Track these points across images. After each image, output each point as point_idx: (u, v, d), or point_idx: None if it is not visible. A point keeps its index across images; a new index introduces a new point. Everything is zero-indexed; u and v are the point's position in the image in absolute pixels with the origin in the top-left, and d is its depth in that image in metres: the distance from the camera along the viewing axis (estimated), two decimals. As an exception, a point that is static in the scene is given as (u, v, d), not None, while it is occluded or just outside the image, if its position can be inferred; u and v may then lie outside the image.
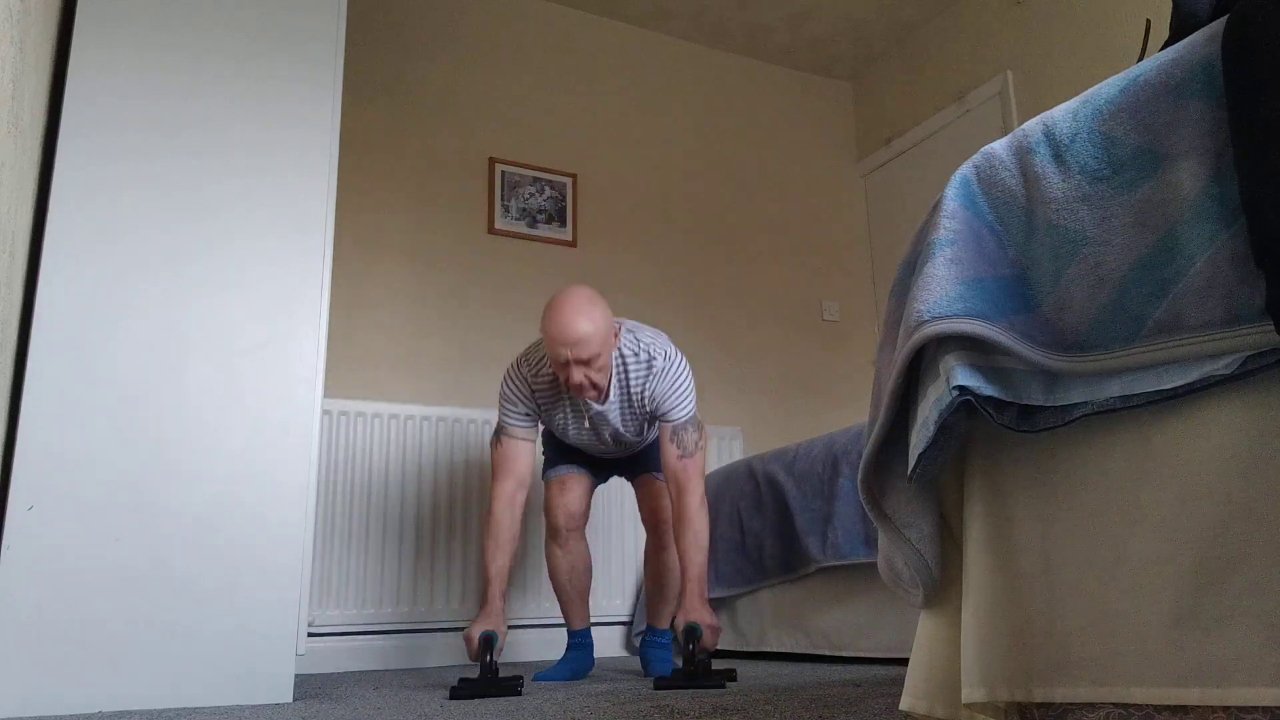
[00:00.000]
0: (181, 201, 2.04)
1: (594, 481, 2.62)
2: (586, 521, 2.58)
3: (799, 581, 2.82)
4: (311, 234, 2.14)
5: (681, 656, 2.06)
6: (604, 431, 2.42)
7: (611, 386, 2.31)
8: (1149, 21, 1.23)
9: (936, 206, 0.99)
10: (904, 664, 2.43)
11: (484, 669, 2.04)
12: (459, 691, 1.94)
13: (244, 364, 2.02)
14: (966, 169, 1.00)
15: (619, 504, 3.48)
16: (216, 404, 1.98)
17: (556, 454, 2.59)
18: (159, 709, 1.79)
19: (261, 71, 2.17)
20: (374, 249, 3.49)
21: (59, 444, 1.84)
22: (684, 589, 2.23)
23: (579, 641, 2.56)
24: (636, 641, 3.31)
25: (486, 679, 2.00)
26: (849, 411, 4.29)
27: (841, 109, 4.75)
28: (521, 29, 4.00)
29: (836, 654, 2.64)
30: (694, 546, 2.25)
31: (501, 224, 3.73)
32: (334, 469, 3.11)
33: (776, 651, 2.92)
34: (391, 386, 3.39)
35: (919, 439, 0.91)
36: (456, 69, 3.82)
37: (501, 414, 2.39)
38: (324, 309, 2.13)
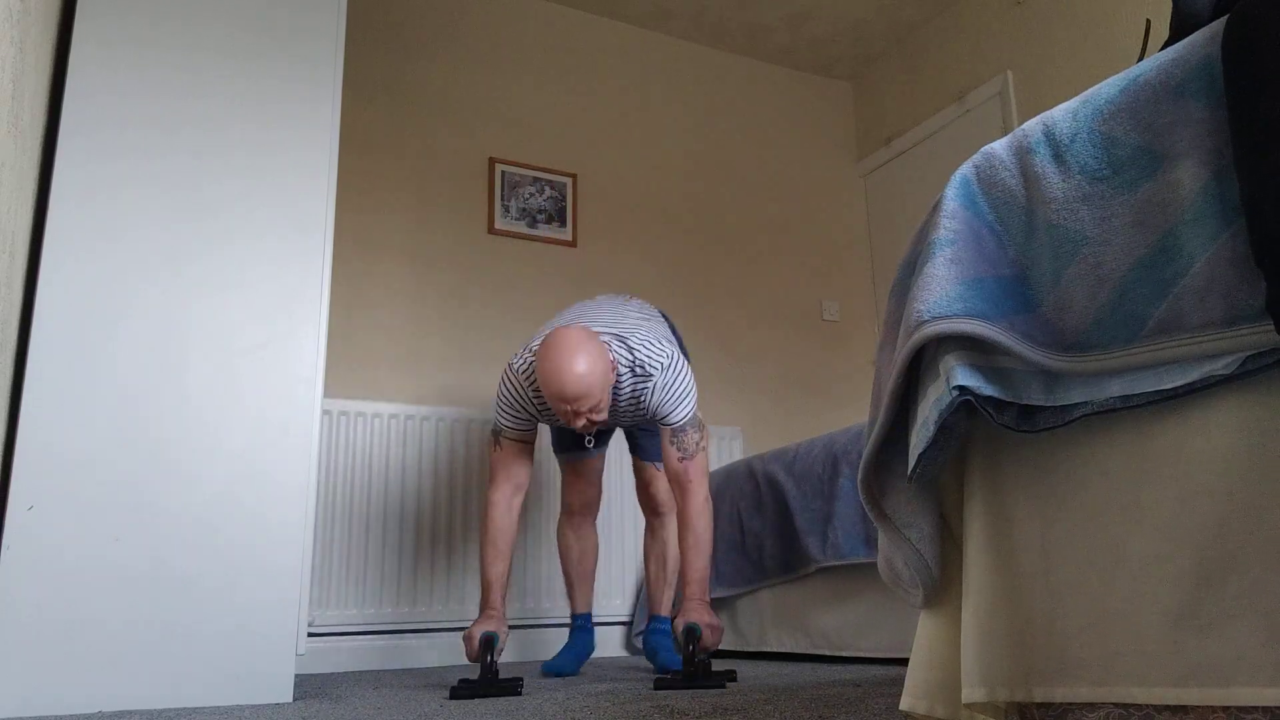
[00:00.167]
0: (181, 201, 2.04)
1: (603, 455, 2.75)
2: (600, 504, 2.73)
3: (799, 581, 2.82)
4: (311, 234, 2.14)
5: (681, 657, 2.06)
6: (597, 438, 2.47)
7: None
8: (1149, 21, 1.23)
9: (936, 206, 0.99)
10: (904, 664, 2.43)
11: (484, 670, 2.04)
12: (459, 692, 1.94)
13: (244, 364, 2.02)
14: (966, 169, 1.00)
15: (619, 505, 3.48)
16: (216, 404, 1.98)
17: (566, 431, 2.65)
18: (159, 709, 1.79)
19: (261, 71, 2.17)
20: (374, 249, 3.49)
21: (59, 444, 1.84)
22: (685, 592, 2.23)
23: (581, 625, 2.69)
24: (638, 642, 3.31)
25: (486, 680, 2.00)
26: (849, 411, 4.29)
27: (841, 109, 4.75)
28: (521, 29, 4.00)
29: (836, 654, 2.64)
30: (695, 549, 2.24)
31: (501, 224, 3.73)
32: (334, 469, 3.11)
33: (776, 651, 2.92)
34: (391, 386, 3.39)
35: (919, 439, 0.91)
36: (456, 69, 3.82)
37: (498, 416, 2.36)
38: (324, 309, 2.13)
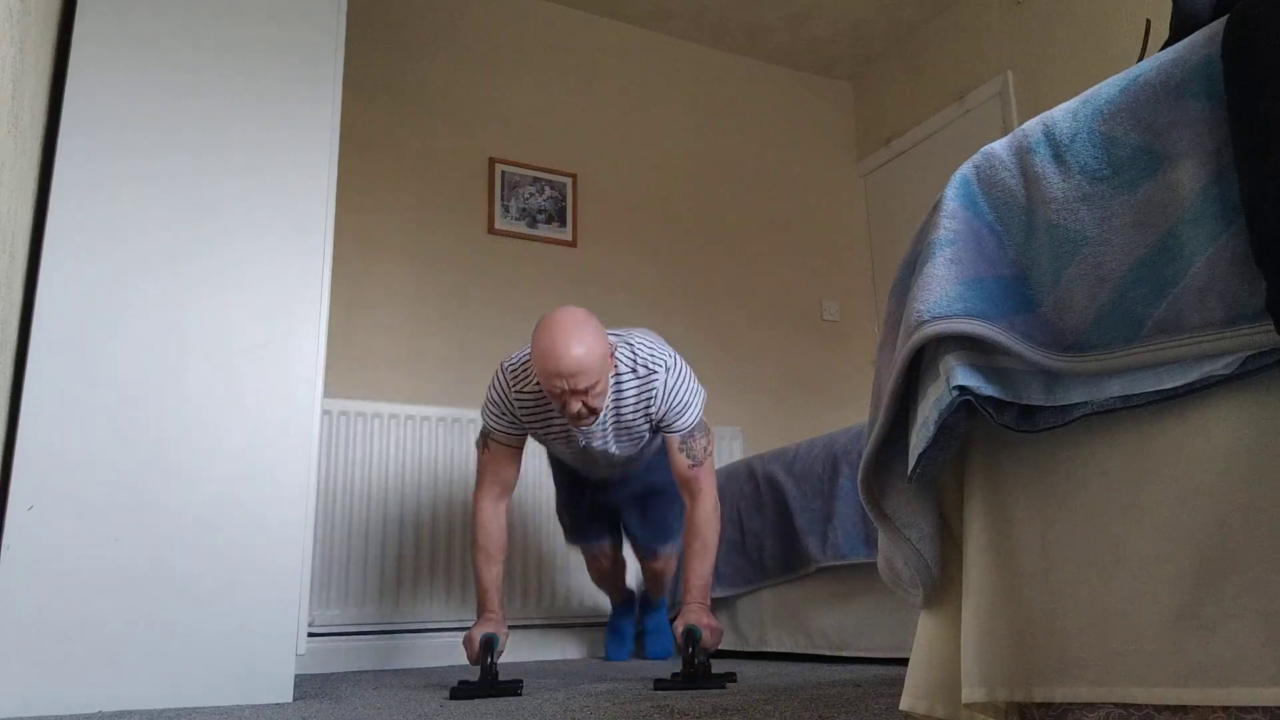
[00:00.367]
0: (181, 201, 2.04)
1: (617, 546, 2.81)
2: (625, 570, 2.87)
3: (799, 581, 2.82)
4: (311, 234, 2.14)
5: (681, 659, 2.06)
6: (592, 449, 2.34)
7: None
8: (1149, 21, 1.23)
9: (936, 206, 0.99)
10: (904, 664, 2.43)
11: (484, 671, 2.04)
12: (459, 692, 1.94)
13: (244, 364, 2.02)
14: (966, 169, 1.00)
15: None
16: (216, 404, 1.98)
17: (574, 515, 2.66)
18: (159, 709, 1.79)
19: (261, 71, 2.17)
20: (374, 249, 3.49)
21: (59, 444, 1.84)
22: (686, 595, 2.22)
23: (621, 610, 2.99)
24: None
25: (487, 681, 2.00)
26: (849, 411, 4.29)
27: (841, 109, 4.75)
28: (521, 29, 4.00)
29: (836, 654, 2.64)
30: (700, 555, 2.23)
31: (501, 224, 3.73)
32: (334, 469, 3.11)
33: (776, 651, 2.92)
34: (391, 386, 3.39)
35: (919, 439, 0.91)
36: (456, 69, 3.82)
37: (485, 419, 2.32)
38: (324, 309, 2.13)
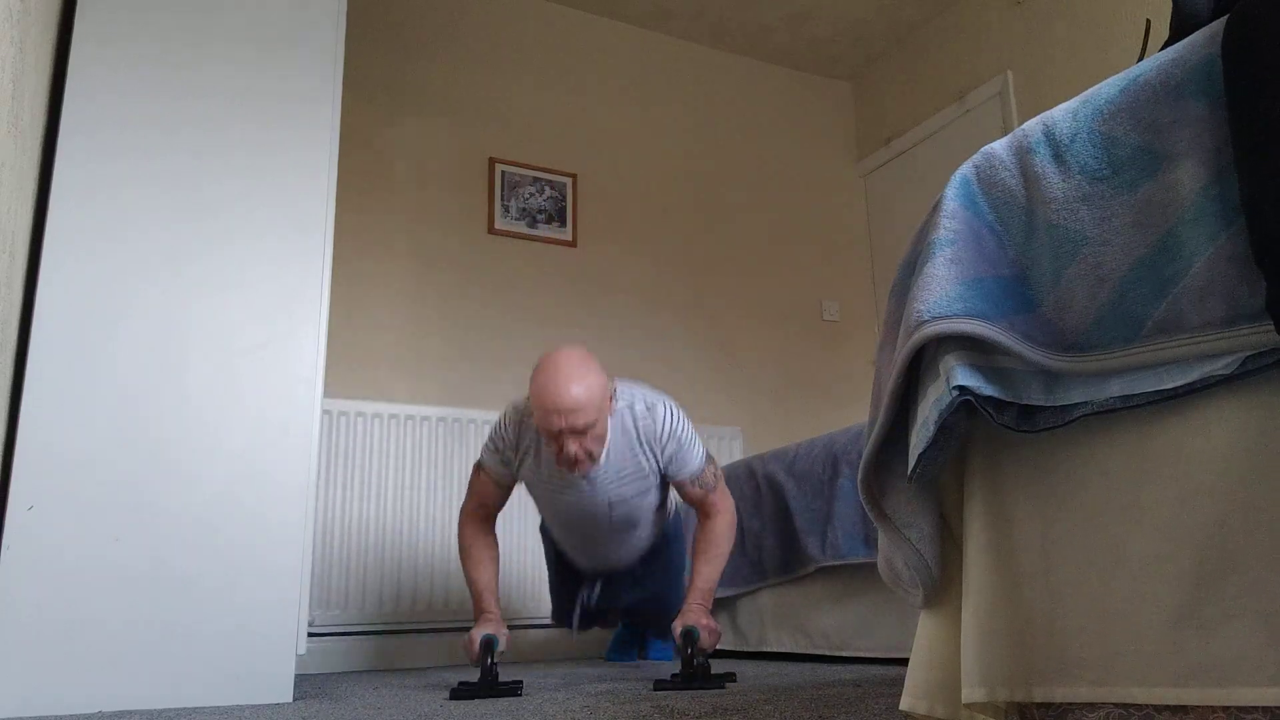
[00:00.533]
0: (181, 201, 2.04)
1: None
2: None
3: (799, 581, 2.82)
4: (311, 234, 2.14)
5: (680, 659, 2.06)
6: (590, 496, 2.24)
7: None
8: (1149, 21, 1.23)
9: (936, 206, 0.99)
10: (904, 664, 2.43)
11: (484, 672, 2.04)
12: (459, 693, 1.94)
13: (244, 364, 2.02)
14: (966, 169, 1.00)
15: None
16: (216, 404, 1.98)
17: (559, 599, 2.62)
18: (159, 709, 1.79)
19: (262, 71, 2.17)
20: (374, 249, 3.49)
21: (59, 444, 1.84)
22: (688, 595, 2.22)
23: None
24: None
25: (487, 682, 2.00)
26: (849, 411, 4.29)
27: (841, 109, 4.75)
28: (521, 29, 4.00)
29: (836, 654, 2.64)
30: (710, 562, 2.23)
31: (501, 224, 3.73)
32: (334, 469, 3.11)
33: (776, 652, 2.92)
34: (391, 386, 3.39)
35: (919, 439, 0.91)
36: (456, 69, 3.82)
37: (484, 453, 2.27)
38: (324, 309, 2.13)
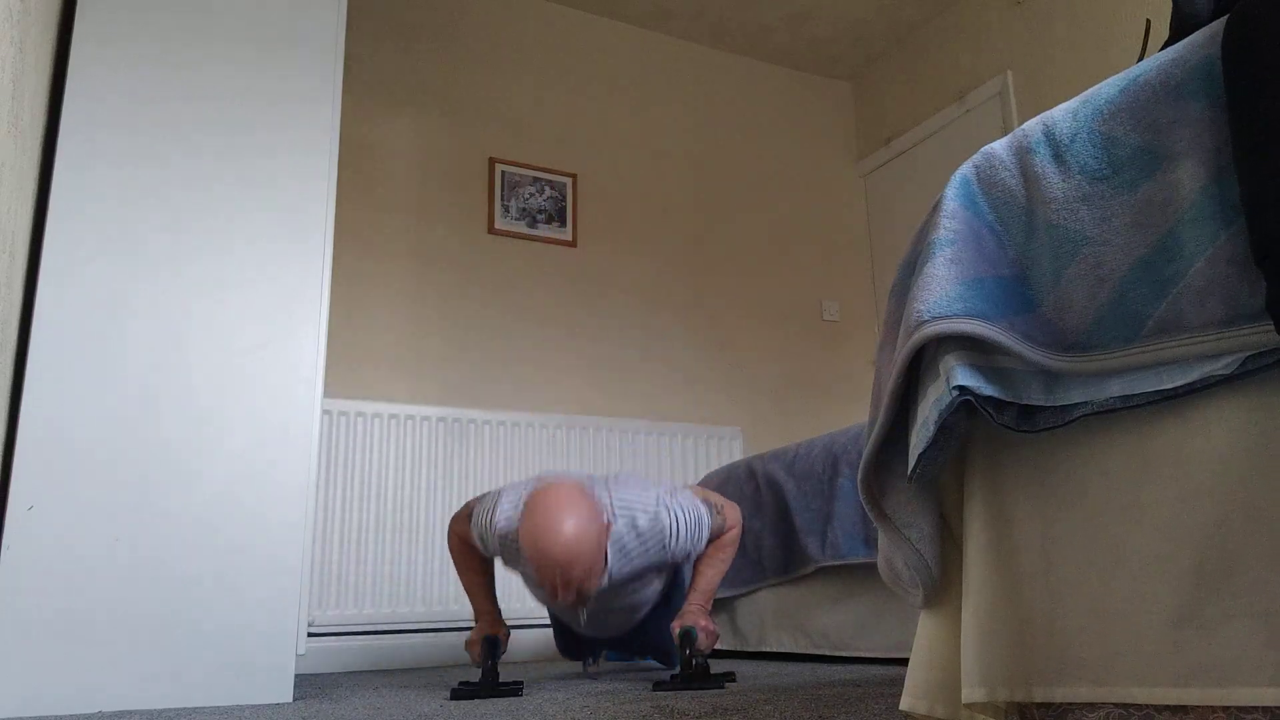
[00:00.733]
0: (181, 201, 2.04)
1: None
2: None
3: (799, 581, 2.82)
4: (311, 233, 2.14)
5: (679, 660, 2.06)
6: (588, 611, 2.16)
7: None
8: (1149, 21, 1.23)
9: (936, 206, 0.99)
10: (904, 664, 2.43)
11: (485, 673, 2.04)
12: (460, 693, 1.94)
13: (244, 364, 2.02)
14: (966, 169, 1.00)
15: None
16: (217, 404, 1.98)
17: (564, 639, 2.52)
18: (159, 709, 1.79)
19: (262, 70, 2.17)
20: (374, 249, 3.49)
21: (59, 444, 1.84)
22: (689, 595, 2.22)
23: None
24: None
25: (488, 682, 2.00)
26: (849, 411, 4.29)
27: (841, 109, 4.75)
28: (521, 29, 4.00)
29: (836, 654, 2.64)
30: (713, 566, 2.22)
31: (501, 224, 3.73)
32: (334, 469, 3.11)
33: (776, 651, 2.92)
34: (391, 386, 3.39)
35: (919, 439, 0.91)
36: (456, 69, 3.82)
37: (473, 518, 2.12)
38: (324, 309, 2.13)
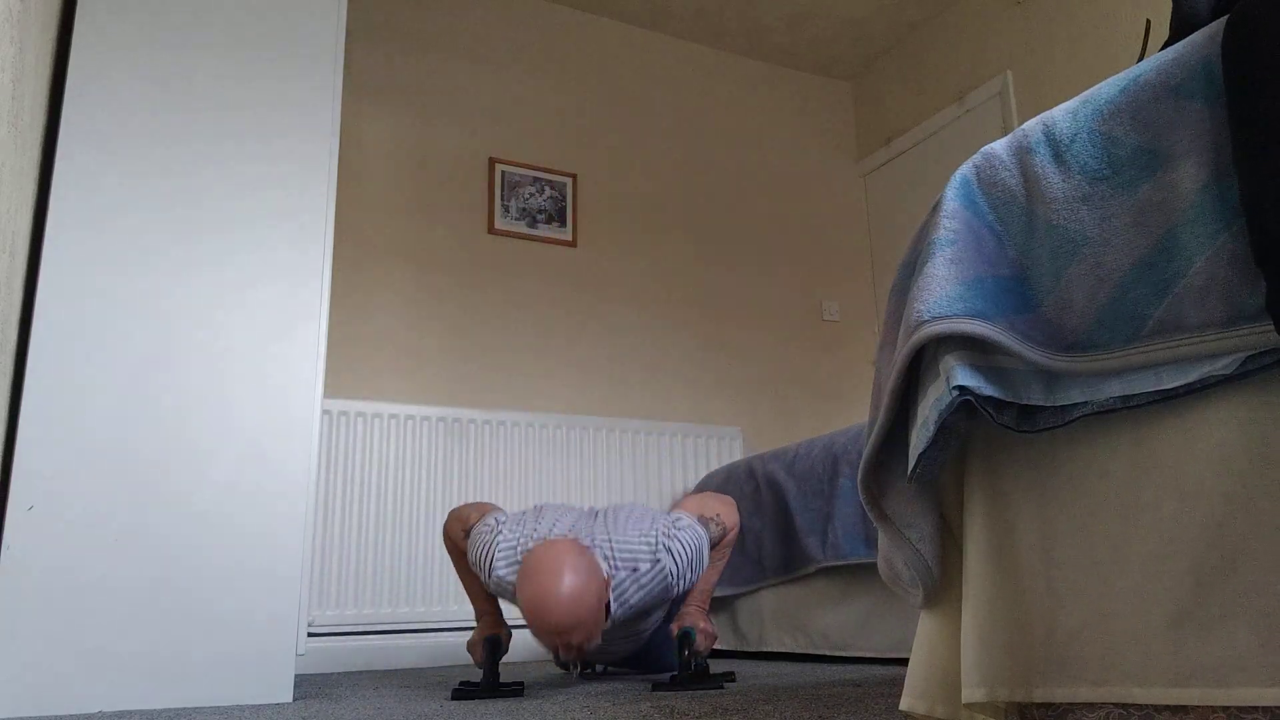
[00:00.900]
0: (181, 201, 2.04)
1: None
2: None
3: (799, 581, 2.82)
4: (311, 234, 2.14)
5: (678, 661, 2.06)
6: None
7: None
8: (1149, 21, 1.23)
9: (936, 206, 0.99)
10: (904, 664, 2.43)
11: (486, 673, 2.03)
12: (460, 693, 1.94)
13: (244, 364, 2.02)
14: (966, 169, 1.00)
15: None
16: (217, 403, 1.98)
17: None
18: (159, 709, 1.79)
19: (262, 70, 2.17)
20: (374, 249, 3.49)
21: (59, 444, 1.84)
22: (687, 596, 2.22)
23: None
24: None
25: (489, 683, 2.00)
26: (849, 411, 4.29)
27: (841, 109, 4.75)
28: (521, 29, 4.00)
29: (836, 654, 2.64)
30: (711, 564, 2.23)
31: (501, 224, 3.73)
32: (334, 469, 3.11)
33: (776, 651, 2.92)
34: (391, 386, 3.39)
35: (919, 439, 0.91)
36: (456, 69, 3.82)
37: (469, 543, 2.08)
38: (324, 309, 2.13)
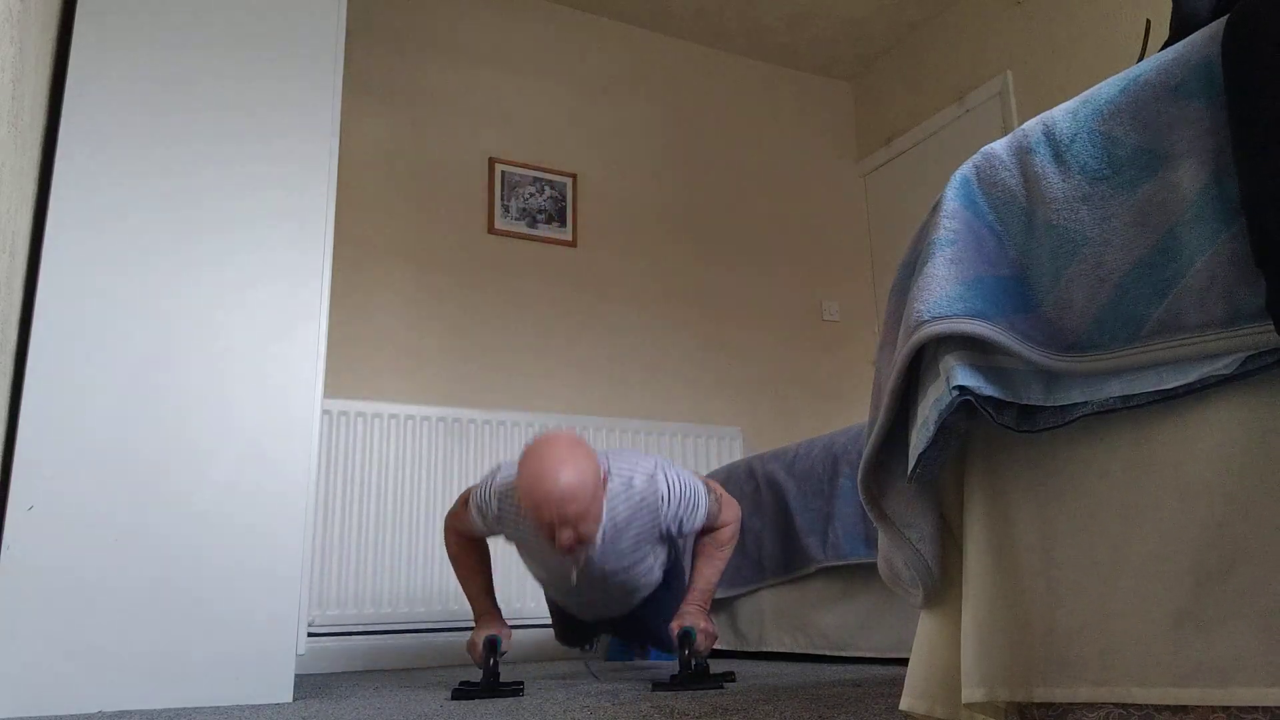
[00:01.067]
0: (181, 201, 2.04)
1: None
2: None
3: (799, 581, 2.82)
4: (312, 234, 2.14)
5: (678, 661, 2.06)
6: (585, 570, 2.14)
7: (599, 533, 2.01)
8: (1149, 21, 1.23)
9: (936, 206, 0.99)
10: (904, 664, 2.43)
11: (487, 673, 2.03)
12: (460, 693, 1.94)
13: (244, 364, 2.02)
14: (966, 169, 1.00)
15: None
16: (217, 403, 1.98)
17: (563, 626, 2.48)
18: (159, 709, 1.79)
19: (262, 71, 2.17)
20: (374, 249, 3.49)
21: (59, 444, 1.84)
22: (688, 595, 2.22)
23: None
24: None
25: (489, 683, 2.00)
26: (849, 411, 4.29)
27: (841, 109, 4.75)
28: (521, 29, 4.00)
29: (836, 654, 2.64)
30: (710, 563, 2.22)
31: (501, 224, 3.73)
32: (334, 469, 3.11)
33: (776, 651, 2.92)
34: (391, 386, 3.39)
35: (919, 439, 0.91)
36: (456, 69, 3.82)
37: (470, 502, 2.13)
38: (324, 309, 2.13)
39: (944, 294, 0.90)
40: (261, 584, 1.94)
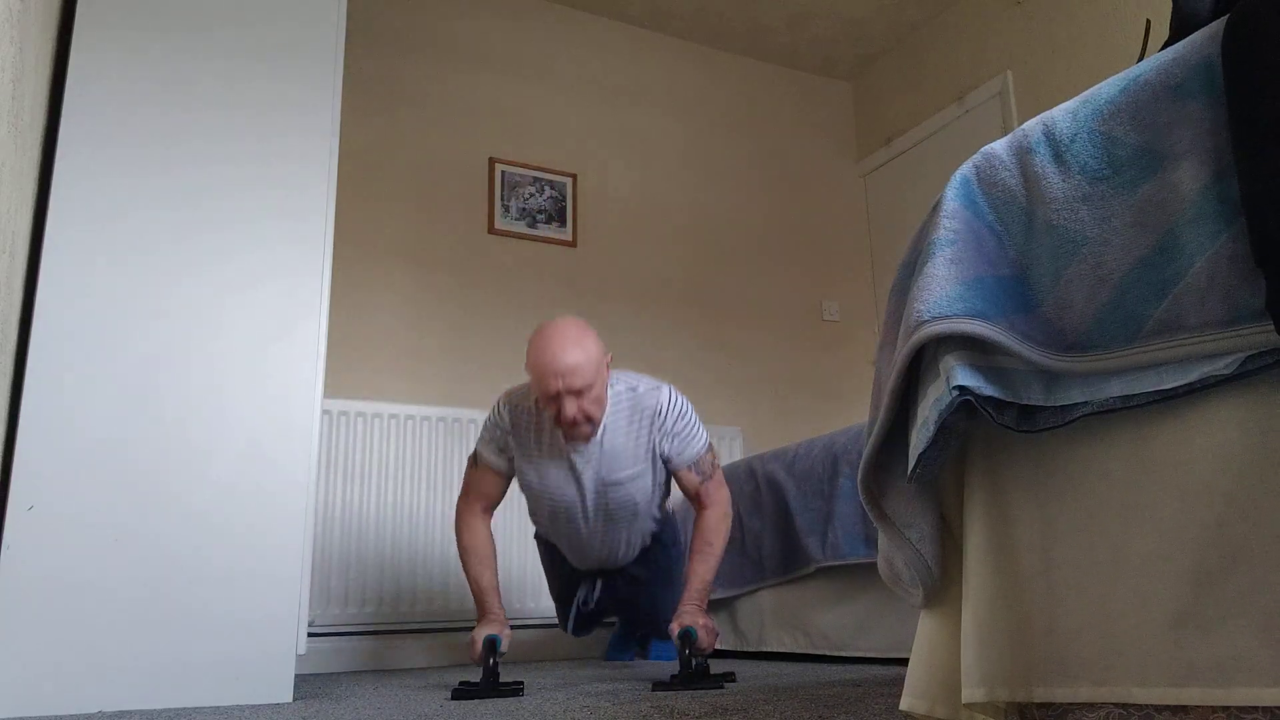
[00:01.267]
0: (182, 201, 2.04)
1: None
2: None
3: (799, 581, 2.82)
4: (312, 234, 2.14)
5: (678, 660, 2.06)
6: (583, 474, 2.24)
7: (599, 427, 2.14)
8: (1149, 21, 1.23)
9: (936, 206, 0.99)
10: (904, 664, 2.43)
11: (486, 673, 2.04)
12: (460, 693, 1.94)
13: (244, 364, 2.02)
14: (966, 169, 1.00)
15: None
16: (217, 404, 1.98)
17: (566, 606, 2.57)
18: (159, 709, 1.79)
19: (262, 72, 2.17)
20: (374, 249, 3.49)
21: (59, 444, 1.84)
22: (685, 594, 2.22)
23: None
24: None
25: (489, 683, 2.00)
26: (849, 411, 4.29)
27: (841, 109, 4.75)
28: (520, 29, 4.00)
29: (836, 654, 2.64)
30: (704, 559, 2.23)
31: (501, 224, 3.73)
32: (334, 469, 3.11)
33: (776, 651, 2.92)
34: (391, 386, 3.39)
35: (919, 439, 0.91)
36: (456, 69, 3.82)
37: (479, 444, 2.33)
38: (324, 310, 2.13)
39: (944, 294, 0.90)
40: (261, 584, 1.94)
